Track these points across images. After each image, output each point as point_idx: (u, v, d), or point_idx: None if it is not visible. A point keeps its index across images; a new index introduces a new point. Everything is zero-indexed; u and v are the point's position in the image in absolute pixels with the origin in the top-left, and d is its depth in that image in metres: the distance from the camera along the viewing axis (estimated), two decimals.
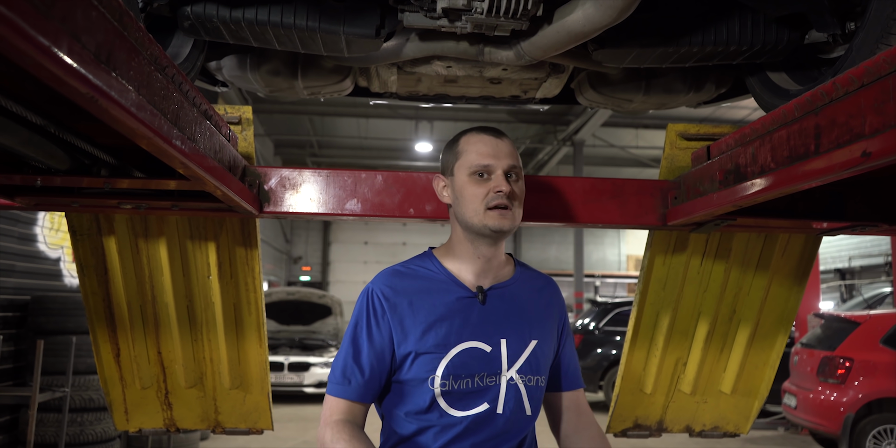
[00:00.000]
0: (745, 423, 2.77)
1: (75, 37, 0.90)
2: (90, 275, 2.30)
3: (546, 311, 1.58)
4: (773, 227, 2.17)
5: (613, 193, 2.10)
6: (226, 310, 2.38)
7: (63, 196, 1.84)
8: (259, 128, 15.06)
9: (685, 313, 2.52)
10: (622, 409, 2.69)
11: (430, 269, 1.53)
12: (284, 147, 17.27)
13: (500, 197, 1.45)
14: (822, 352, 7.13)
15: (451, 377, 1.42)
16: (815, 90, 1.43)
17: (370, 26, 1.78)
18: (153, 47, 1.26)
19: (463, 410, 1.43)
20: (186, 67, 1.90)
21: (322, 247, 21.21)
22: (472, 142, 1.52)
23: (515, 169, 1.50)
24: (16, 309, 5.19)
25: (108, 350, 2.44)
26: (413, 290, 1.48)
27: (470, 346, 1.44)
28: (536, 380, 1.50)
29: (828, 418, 6.73)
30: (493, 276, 1.53)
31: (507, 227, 1.46)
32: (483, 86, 2.37)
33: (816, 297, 9.73)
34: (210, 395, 2.55)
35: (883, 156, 1.20)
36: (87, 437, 5.15)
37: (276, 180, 2.04)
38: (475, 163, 1.48)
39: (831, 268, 16.05)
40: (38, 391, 4.39)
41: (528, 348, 1.49)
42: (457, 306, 1.47)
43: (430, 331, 1.44)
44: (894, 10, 1.45)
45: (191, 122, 1.45)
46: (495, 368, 1.46)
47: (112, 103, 0.95)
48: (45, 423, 5.04)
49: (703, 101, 2.38)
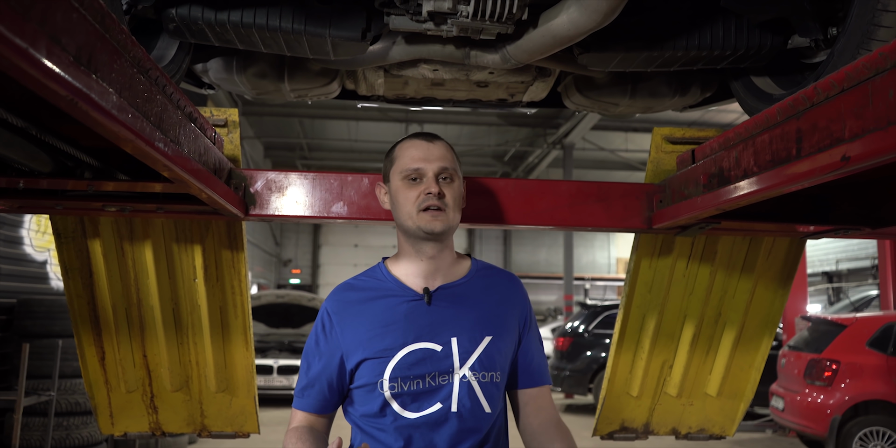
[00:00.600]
0: (731, 426, 2.78)
1: (55, 39, 0.90)
2: (75, 278, 2.29)
3: (503, 308, 1.58)
4: (758, 231, 2.18)
5: (599, 197, 2.10)
6: (212, 313, 2.37)
7: (47, 199, 1.83)
8: (249, 130, 15.03)
9: (671, 316, 2.53)
10: (609, 411, 2.69)
11: (379, 277, 1.57)
12: (274, 149, 17.24)
13: (430, 198, 1.48)
14: (809, 354, 7.18)
15: (399, 379, 1.45)
16: (797, 95, 1.45)
17: (356, 29, 1.78)
18: (136, 49, 1.26)
19: (416, 411, 1.46)
20: (172, 69, 1.89)
21: (312, 249, 21.17)
22: (405, 147, 1.56)
23: (447, 171, 1.52)
24: (1, 312, 5.16)
25: (92, 353, 2.42)
26: (361, 301, 1.53)
27: (418, 348, 1.47)
28: (491, 376, 1.50)
29: (815, 420, 6.76)
30: (442, 276, 1.55)
31: (438, 229, 1.49)
32: (470, 89, 2.38)
33: (804, 300, 9.78)
34: (196, 399, 2.54)
35: (862, 160, 1.21)
36: (74, 441, 5.11)
37: (262, 183, 2.04)
38: (407, 167, 1.52)
39: (819, 271, 16.16)
40: (23, 395, 4.35)
41: (481, 345, 1.50)
42: (403, 310, 1.50)
43: (376, 337, 1.48)
44: (874, 16, 1.47)
45: (174, 125, 1.44)
46: (447, 367, 1.47)
47: (92, 106, 0.95)
48: (31, 427, 5.00)
49: (689, 104, 2.39)
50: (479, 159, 17.42)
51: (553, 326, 14.55)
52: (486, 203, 2.06)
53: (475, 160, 17.45)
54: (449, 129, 15.15)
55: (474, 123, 14.78)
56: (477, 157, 17.10)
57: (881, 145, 1.16)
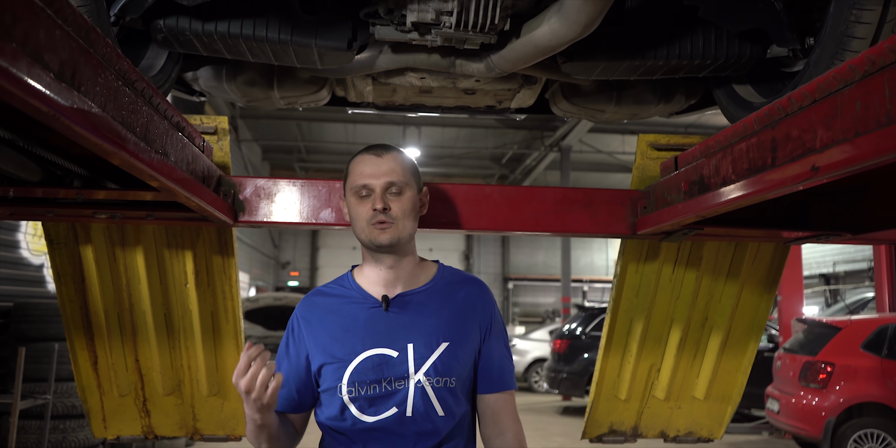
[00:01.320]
0: (719, 429, 2.81)
1: (36, 56, 0.92)
2: (67, 283, 2.32)
3: (464, 313, 1.61)
4: (741, 236, 2.21)
5: (584, 203, 2.13)
6: (203, 317, 2.39)
7: (38, 206, 1.85)
8: (247, 133, 15.06)
9: (658, 320, 2.56)
10: (597, 414, 2.72)
11: (345, 285, 1.64)
12: (272, 152, 17.28)
13: (377, 214, 1.53)
14: (804, 357, 7.20)
15: (356, 384, 1.50)
16: (773, 104, 1.48)
17: (342, 39, 1.81)
18: (121, 62, 1.29)
19: (373, 415, 1.50)
20: (161, 79, 1.92)
21: (310, 252, 21.19)
22: (355, 163, 1.60)
23: (395, 185, 1.55)
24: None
25: (85, 358, 2.45)
26: (327, 308, 1.61)
27: (375, 353, 1.52)
28: (446, 381, 1.53)
29: (810, 423, 6.79)
30: (402, 284, 1.59)
31: (386, 241, 1.53)
32: (458, 96, 2.41)
33: (800, 302, 9.80)
34: (188, 403, 2.57)
35: (830, 170, 1.24)
36: (70, 444, 5.13)
37: (250, 190, 2.06)
38: (355, 183, 1.57)
39: (816, 273, 16.19)
40: (19, 398, 4.38)
41: (437, 351, 1.53)
42: (363, 317, 1.56)
43: (336, 342, 1.54)
44: (848, 27, 1.50)
45: (161, 135, 1.47)
46: (402, 373, 1.51)
47: (74, 121, 0.98)
48: (28, 430, 5.02)
49: (675, 111, 2.42)
50: (476, 162, 17.46)
51: (551, 329, 14.56)
52: (470, 209, 2.09)
53: (472, 163, 17.48)
54: (446, 132, 15.19)
55: (472, 126, 14.81)
56: (474, 159, 17.13)
57: (848, 156, 1.19)
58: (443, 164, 17.17)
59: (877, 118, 1.14)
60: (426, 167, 17.21)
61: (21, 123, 1.31)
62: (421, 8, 1.66)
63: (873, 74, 1.18)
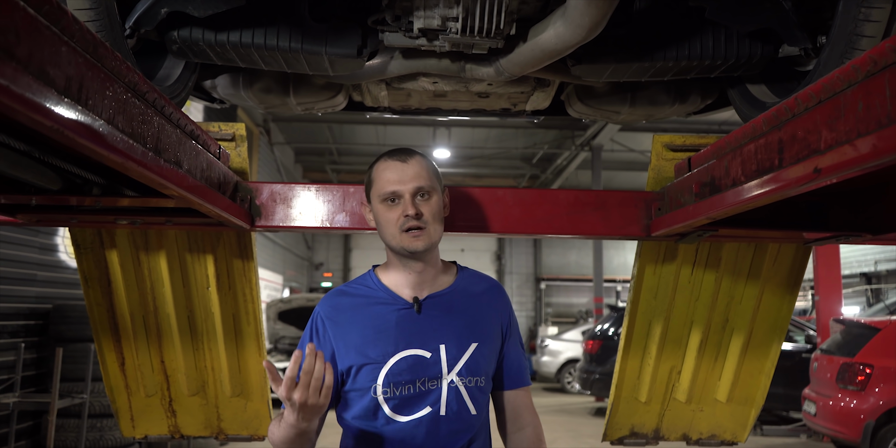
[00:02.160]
0: (742, 432, 2.78)
1: (41, 72, 0.96)
2: (94, 286, 2.39)
3: (487, 314, 1.66)
4: (757, 238, 2.18)
5: (597, 205, 2.13)
6: (225, 320, 2.45)
7: (62, 213, 1.92)
8: (279, 136, 15.25)
9: (677, 322, 2.54)
10: (618, 417, 2.71)
11: (370, 285, 1.64)
12: (304, 155, 17.45)
13: (409, 220, 1.54)
14: (841, 358, 7.05)
15: (391, 385, 1.53)
16: (780, 105, 1.46)
17: (352, 46, 1.84)
18: (131, 75, 1.33)
19: (407, 415, 1.53)
20: (177, 88, 1.97)
21: (343, 253, 21.38)
22: (380, 170, 1.61)
23: (423, 189, 1.57)
24: (38, 317, 5.34)
25: (113, 359, 2.52)
26: (353, 307, 1.61)
27: (409, 354, 1.54)
28: (477, 381, 1.58)
29: (848, 426, 6.64)
30: (429, 286, 1.63)
31: (420, 248, 1.55)
32: (472, 100, 2.42)
33: (839, 302, 9.59)
34: (212, 403, 2.62)
35: (832, 172, 1.23)
36: (107, 442, 5.27)
37: (267, 195, 2.10)
38: (383, 190, 1.57)
39: (857, 272, 15.79)
40: (57, 397, 4.51)
41: (467, 351, 1.58)
42: (394, 318, 1.57)
43: (369, 343, 1.55)
44: (857, 26, 1.48)
45: (173, 144, 1.51)
46: (436, 373, 1.55)
47: (77, 133, 1.01)
48: (66, 428, 5.17)
49: (691, 111, 2.40)
50: (506, 162, 17.42)
51: (583, 329, 14.47)
52: (483, 212, 2.10)
53: (503, 163, 17.44)
54: (476, 133, 15.18)
55: (502, 126, 14.78)
56: (505, 159, 17.10)
57: (849, 158, 1.18)
58: (473, 164, 17.16)
59: (878, 119, 1.13)
60: (456, 168, 17.23)
61: (37, 134, 1.36)
62: (427, 14, 1.68)
63: (875, 75, 1.17)
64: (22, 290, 5.22)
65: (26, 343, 5.07)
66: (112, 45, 1.50)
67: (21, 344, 4.90)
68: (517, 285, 20.54)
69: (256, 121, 13.29)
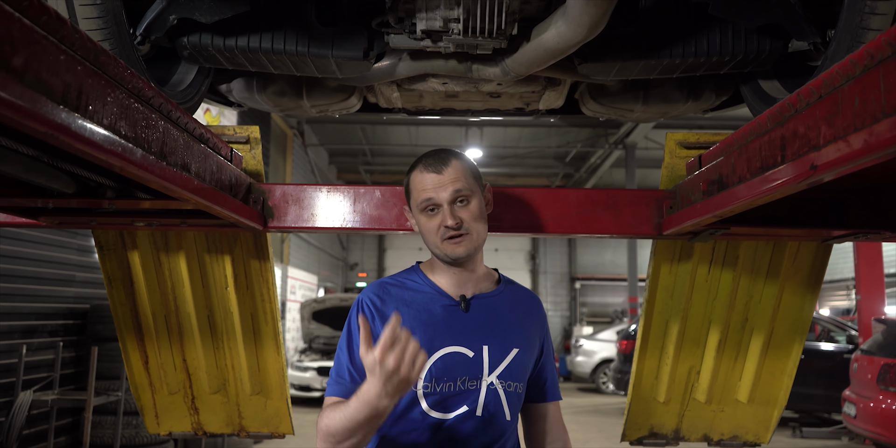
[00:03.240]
0: (766, 433, 2.73)
1: (37, 81, 1.00)
2: (118, 287, 2.45)
3: (528, 323, 1.65)
4: (771, 236, 2.15)
5: (608, 204, 2.12)
6: (243, 319, 2.49)
7: (81, 215, 1.98)
8: (313, 138, 15.41)
9: (695, 321, 2.51)
10: (636, 416, 2.69)
11: (416, 280, 1.63)
12: (338, 156, 17.61)
13: (449, 230, 1.52)
14: (882, 359, 6.87)
15: (433, 380, 1.51)
16: (784, 101, 1.44)
17: (358, 49, 1.86)
18: (135, 80, 1.37)
19: (444, 412, 1.51)
20: (190, 92, 2.01)
21: (377, 253, 21.52)
22: (416, 180, 1.58)
23: (461, 193, 1.54)
24: (76, 317, 5.49)
25: (137, 357, 2.59)
26: (399, 299, 1.58)
27: (453, 351, 1.53)
28: (516, 386, 1.57)
29: (889, 428, 6.48)
30: (473, 287, 1.62)
31: (462, 254, 1.54)
32: (484, 99, 2.43)
33: (881, 302, 9.34)
34: (233, 401, 2.68)
35: (827, 169, 1.21)
36: (143, 439, 5.40)
37: (280, 196, 2.14)
38: (421, 200, 1.56)
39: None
40: (92, 395, 4.64)
41: (509, 355, 1.56)
42: (441, 313, 1.56)
43: (414, 335, 1.48)
44: (862, 19, 1.45)
45: (179, 147, 1.55)
46: (477, 373, 1.53)
47: (74, 138, 1.05)
48: (103, 425, 5.31)
49: (706, 108, 2.37)
50: (540, 161, 17.34)
51: (618, 329, 14.34)
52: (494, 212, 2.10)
53: (536, 162, 17.37)
54: (508, 132, 15.15)
55: (534, 125, 14.72)
56: (538, 159, 17.02)
57: (842, 154, 1.16)
58: (506, 164, 17.13)
59: (873, 114, 1.11)
60: (489, 168, 17.21)
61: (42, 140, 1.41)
62: (429, 16, 1.70)
63: (871, 69, 1.14)
64: (61, 291, 5.38)
65: (65, 342, 5.22)
66: (120, 51, 1.54)
67: (59, 343, 5.05)
68: (551, 285, 20.43)
69: (290, 123, 13.46)
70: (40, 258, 5.10)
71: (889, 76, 1.08)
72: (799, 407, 9.46)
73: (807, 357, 9.16)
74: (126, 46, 1.56)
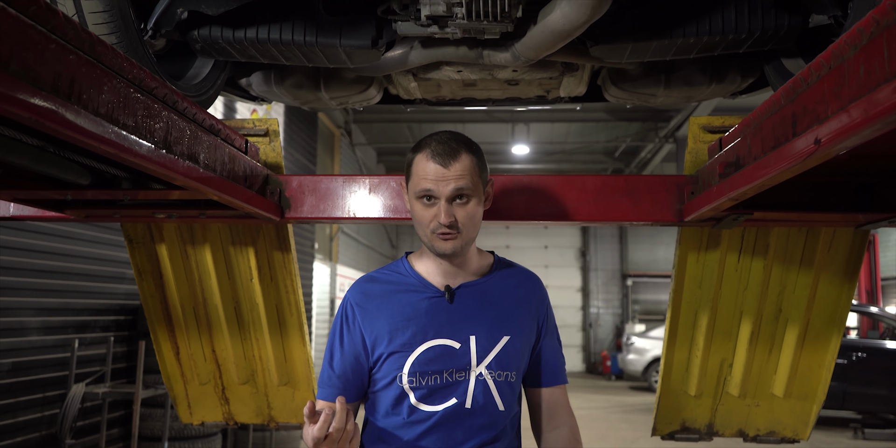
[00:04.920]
0: (805, 429, 2.63)
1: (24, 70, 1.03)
2: (147, 279, 2.52)
3: (522, 307, 1.59)
4: (798, 221, 2.06)
5: (626, 190, 2.07)
6: (269, 311, 2.53)
7: (105, 208, 2.04)
8: (361, 137, 15.56)
9: (726, 312, 2.43)
10: (666, 410, 2.62)
11: (401, 272, 1.59)
12: (386, 155, 17.73)
13: (441, 226, 1.47)
14: None
15: (417, 374, 1.48)
16: (797, 76, 1.38)
17: (366, 38, 1.86)
18: (136, 71, 1.40)
19: (432, 405, 1.48)
20: (205, 86, 2.04)
21: None
22: (419, 165, 1.52)
23: (462, 191, 1.48)
24: (127, 313, 5.67)
25: (168, 348, 2.65)
26: (383, 294, 1.56)
27: (437, 344, 1.49)
28: (507, 375, 1.52)
29: None
30: (463, 275, 1.57)
31: (449, 251, 1.49)
32: (503, 88, 2.40)
33: None
34: (262, 392, 2.72)
35: (831, 143, 1.15)
36: (191, 432, 5.52)
37: (296, 187, 2.16)
38: (420, 187, 1.49)
39: None
40: (140, 388, 4.78)
41: (498, 344, 1.51)
42: (424, 306, 1.52)
43: (397, 331, 1.50)
44: None
45: (185, 138, 1.57)
46: (464, 364, 1.49)
47: (59, 124, 1.08)
48: (153, 417, 5.46)
49: (732, 91, 2.29)
50: (588, 156, 17.10)
51: None
52: (508, 200, 2.08)
53: (585, 157, 17.14)
54: (556, 127, 14.99)
55: (582, 120, 14.52)
56: (586, 154, 16.79)
57: (843, 126, 1.10)
58: (553, 160, 16.96)
59: (877, 83, 1.05)
60: (536, 164, 17.07)
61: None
62: (433, 1, 1.68)
63: (877, 36, 1.08)
64: (113, 288, 5.56)
65: (116, 337, 5.40)
66: (127, 45, 1.57)
67: (111, 338, 5.22)
68: (602, 282, 20.13)
69: (337, 122, 13.61)
70: (93, 256, 5.28)
71: (892, 41, 1.02)
72: (861, 407, 9.11)
73: (869, 356, 8.87)
74: (133, 40, 1.60)
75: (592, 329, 19.62)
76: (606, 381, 16.62)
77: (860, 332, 10.50)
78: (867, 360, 8.99)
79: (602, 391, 14.14)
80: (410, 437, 1.48)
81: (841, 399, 8.88)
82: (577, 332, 19.69)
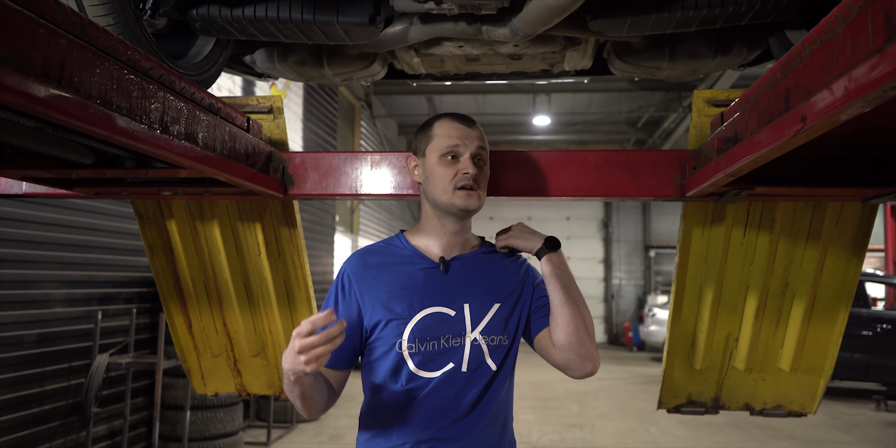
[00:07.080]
0: (812, 403, 2.63)
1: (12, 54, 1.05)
2: (159, 254, 2.57)
3: (508, 278, 1.68)
4: (804, 196, 2.04)
5: (627, 165, 2.06)
6: (277, 285, 2.57)
7: (112, 186, 2.08)
8: (381, 109, 15.51)
9: (731, 287, 2.43)
10: (671, 384, 2.64)
11: (397, 245, 1.70)
12: (408, 127, 17.67)
13: (466, 178, 1.59)
14: None
15: (416, 340, 1.57)
16: (791, 50, 1.35)
17: (363, 14, 1.86)
18: (129, 52, 1.41)
19: (430, 371, 1.57)
20: (207, 64, 2.06)
21: None
22: (443, 126, 1.65)
23: (483, 152, 1.64)
24: (149, 285, 5.78)
25: (181, 322, 2.71)
26: (380, 265, 1.65)
27: (434, 311, 1.58)
28: (499, 339, 1.62)
29: None
30: (458, 250, 1.68)
31: (472, 207, 1.60)
32: (506, 62, 2.38)
33: None
34: (272, 364, 2.78)
35: (815, 120, 1.14)
36: (212, 402, 5.67)
37: (299, 164, 2.17)
38: (445, 145, 1.62)
39: None
40: (162, 358, 4.90)
41: (490, 311, 1.61)
42: (421, 276, 1.62)
43: (394, 299, 1.59)
44: None
45: (183, 117, 1.59)
46: (459, 331, 1.59)
47: (48, 108, 1.10)
48: (176, 387, 5.61)
49: (739, 63, 2.25)
50: (611, 127, 16.89)
51: None
52: (508, 175, 2.08)
53: (607, 128, 16.93)
54: (577, 98, 14.81)
55: (604, 90, 14.31)
56: (609, 124, 16.59)
57: (828, 103, 1.09)
58: (575, 130, 16.78)
59: (860, 59, 1.03)
60: (557, 135, 16.91)
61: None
62: None
63: (863, 10, 1.06)
64: (135, 261, 5.67)
65: (138, 309, 5.52)
66: (123, 25, 1.59)
67: (133, 309, 5.34)
68: (625, 253, 20.05)
69: (358, 95, 13.57)
70: (115, 230, 5.38)
71: (876, 16, 1.00)
72: (885, 379, 9.06)
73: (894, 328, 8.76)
74: (130, 20, 1.61)
75: (614, 300, 19.61)
76: (628, 352, 16.67)
77: (887, 303, 10.38)
78: (892, 331, 8.92)
79: (623, 362, 14.20)
80: (409, 401, 1.56)
81: (864, 371, 8.84)
82: (599, 304, 19.70)
